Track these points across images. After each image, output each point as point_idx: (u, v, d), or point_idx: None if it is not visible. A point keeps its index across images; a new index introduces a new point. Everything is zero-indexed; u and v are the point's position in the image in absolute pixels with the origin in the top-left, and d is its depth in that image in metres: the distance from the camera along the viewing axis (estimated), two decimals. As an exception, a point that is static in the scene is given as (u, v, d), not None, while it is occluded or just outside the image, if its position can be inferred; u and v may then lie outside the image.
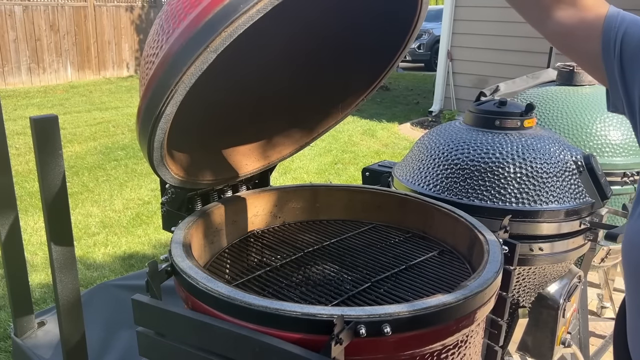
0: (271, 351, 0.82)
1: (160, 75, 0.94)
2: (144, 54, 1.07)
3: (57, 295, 1.23)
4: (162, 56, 0.94)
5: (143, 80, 1.04)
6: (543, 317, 1.56)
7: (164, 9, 1.04)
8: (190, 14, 0.92)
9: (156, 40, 1.00)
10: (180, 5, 0.97)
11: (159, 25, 1.02)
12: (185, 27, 0.92)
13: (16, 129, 6.44)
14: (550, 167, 1.50)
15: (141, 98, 1.01)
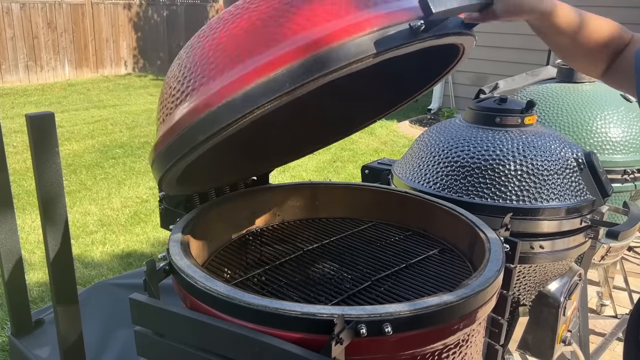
0: (271, 351, 0.81)
1: (192, 124, 0.90)
2: (171, 80, 1.02)
3: (54, 294, 1.22)
4: (198, 103, 0.90)
5: (167, 111, 1.00)
6: (544, 315, 1.56)
7: (200, 43, 0.98)
8: (237, 70, 0.87)
9: (189, 77, 0.95)
10: (225, 51, 0.91)
11: (192, 58, 0.96)
12: (230, 83, 0.87)
13: (14, 127, 6.42)
14: (551, 164, 1.49)
15: (164, 133, 0.97)
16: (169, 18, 11.53)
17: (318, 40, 0.85)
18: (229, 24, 0.95)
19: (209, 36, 0.97)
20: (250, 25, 0.92)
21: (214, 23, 1.00)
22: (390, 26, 0.87)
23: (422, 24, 0.88)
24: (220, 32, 0.95)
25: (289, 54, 0.85)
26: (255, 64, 0.86)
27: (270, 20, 0.90)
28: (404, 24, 0.88)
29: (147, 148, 5.88)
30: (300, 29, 0.87)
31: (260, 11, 0.93)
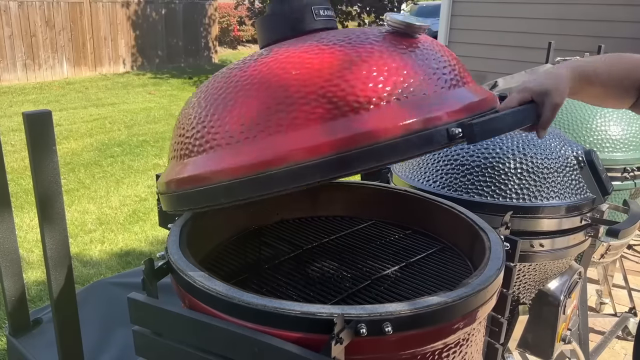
0: (270, 351, 0.81)
1: (213, 185, 0.88)
2: (190, 118, 0.97)
3: (52, 293, 1.21)
4: (226, 168, 0.87)
5: (188, 151, 0.96)
6: (544, 313, 1.55)
7: (228, 94, 0.93)
8: (281, 141, 0.84)
9: (215, 128, 0.90)
10: (258, 117, 0.87)
11: (229, 109, 0.91)
12: (260, 163, 0.84)
13: (12, 125, 6.40)
14: (551, 162, 1.49)
15: (179, 180, 0.95)
16: (167, 16, 11.51)
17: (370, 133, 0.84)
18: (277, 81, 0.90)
19: (252, 86, 0.92)
20: (301, 93, 0.88)
21: (260, 68, 0.96)
22: (430, 129, 0.86)
23: (459, 132, 0.87)
24: (267, 86, 0.90)
25: (340, 141, 0.83)
26: (305, 142, 0.83)
27: (325, 98, 0.87)
28: (442, 127, 0.87)
29: (145, 146, 5.87)
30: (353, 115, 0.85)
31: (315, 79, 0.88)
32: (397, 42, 0.95)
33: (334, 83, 0.87)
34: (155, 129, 6.66)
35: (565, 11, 6.16)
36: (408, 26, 0.95)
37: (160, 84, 9.78)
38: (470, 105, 0.93)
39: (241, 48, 15.33)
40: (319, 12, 1.06)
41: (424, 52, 0.96)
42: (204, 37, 12.46)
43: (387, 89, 0.87)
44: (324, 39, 0.96)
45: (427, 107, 0.88)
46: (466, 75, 1.02)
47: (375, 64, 0.89)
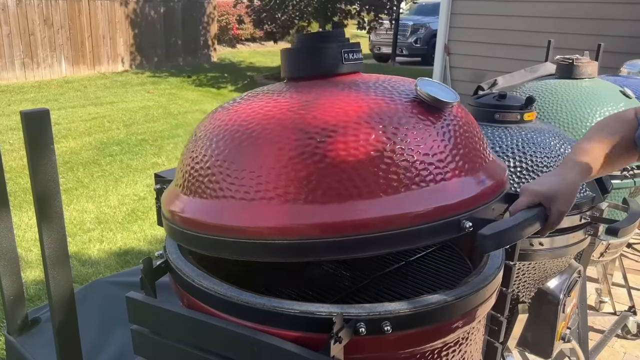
0: (269, 350, 0.80)
1: (219, 237, 0.87)
2: (207, 156, 0.92)
3: (50, 293, 1.21)
4: (237, 226, 0.85)
5: (192, 191, 0.93)
6: (543, 312, 1.55)
7: (250, 142, 0.89)
8: (307, 210, 0.82)
9: (232, 178, 0.87)
10: (277, 180, 0.84)
11: (239, 160, 0.88)
12: (273, 230, 0.83)
13: (10, 124, 6.39)
14: (550, 160, 1.48)
15: (185, 219, 0.93)
16: (166, 14, 11.49)
17: (380, 220, 0.82)
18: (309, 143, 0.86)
19: (275, 143, 0.88)
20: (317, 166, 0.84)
21: (284, 119, 0.91)
22: (445, 219, 0.85)
23: (470, 226, 0.87)
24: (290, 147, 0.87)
25: (348, 224, 0.82)
26: (319, 219, 0.82)
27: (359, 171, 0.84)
28: (455, 218, 0.87)
29: (144, 145, 5.86)
30: (368, 197, 0.83)
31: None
32: (423, 116, 0.92)
33: (357, 160, 0.85)
34: (154, 127, 6.65)
35: (564, 9, 6.16)
36: (436, 101, 0.93)
37: (159, 82, 9.76)
38: (483, 193, 0.93)
39: (240, 46, 15.32)
40: (348, 56, 1.03)
41: (448, 132, 0.93)
42: (202, 35, 12.44)
43: (408, 174, 0.86)
44: (352, 100, 0.92)
45: (443, 196, 0.87)
46: (483, 152, 1.00)
47: (401, 146, 0.87)
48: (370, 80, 1.01)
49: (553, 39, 3.20)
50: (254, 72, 11.37)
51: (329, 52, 1.02)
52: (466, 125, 0.98)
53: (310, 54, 1.03)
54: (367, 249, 0.83)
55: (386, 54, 13.75)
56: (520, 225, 0.90)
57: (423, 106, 0.94)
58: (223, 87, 9.63)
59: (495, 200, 0.95)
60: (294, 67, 1.05)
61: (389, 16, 11.82)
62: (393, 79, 1.04)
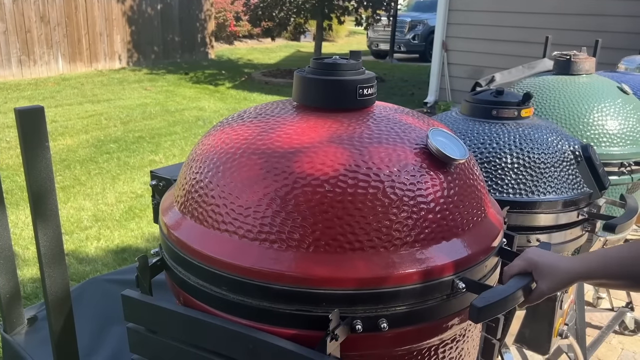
0: (265, 347, 0.80)
1: (220, 272, 0.86)
2: (212, 183, 0.91)
3: (46, 291, 1.20)
4: (239, 265, 0.84)
5: (193, 216, 0.92)
6: (540, 309, 1.55)
7: (257, 180, 0.88)
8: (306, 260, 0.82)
9: (235, 213, 0.87)
10: (282, 225, 0.84)
11: (244, 195, 0.87)
12: (277, 275, 0.82)
13: (7, 122, 6.37)
14: (547, 157, 1.48)
15: (184, 244, 0.92)
16: (163, 11, 11.45)
17: (378, 278, 0.83)
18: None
19: (282, 188, 0.87)
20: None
21: (292, 163, 0.90)
22: (436, 280, 0.86)
23: (463, 287, 0.87)
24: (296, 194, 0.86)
25: (347, 280, 0.82)
26: (319, 272, 0.82)
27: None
28: (448, 279, 0.87)
29: (141, 143, 5.85)
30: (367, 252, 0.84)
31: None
32: (433, 172, 0.92)
33: (362, 214, 0.84)
34: (151, 125, 6.63)
35: (562, 6, 6.16)
36: (447, 158, 0.93)
37: (156, 79, 9.74)
38: (479, 252, 0.93)
39: (237, 43, 15.28)
40: (362, 92, 1.00)
41: (454, 188, 0.93)
42: (200, 32, 12.41)
43: (411, 231, 0.86)
44: (364, 149, 0.90)
45: (439, 256, 0.87)
46: (484, 207, 1.00)
47: (408, 202, 0.87)
48: (382, 120, 0.99)
49: (551, 35, 3.19)
50: (252, 69, 11.35)
51: (344, 86, 0.99)
52: (470, 180, 0.98)
53: (324, 84, 1.00)
54: (360, 303, 0.83)
55: (384, 51, 13.73)
56: (511, 296, 0.90)
57: (432, 160, 0.93)
58: (220, 84, 9.61)
59: (489, 257, 0.96)
60: (306, 94, 1.03)
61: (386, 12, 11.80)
62: (405, 119, 1.02)
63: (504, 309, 0.89)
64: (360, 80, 1.00)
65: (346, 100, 1.00)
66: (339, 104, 1.00)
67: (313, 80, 1.01)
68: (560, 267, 0.96)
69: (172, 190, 1.07)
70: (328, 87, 1.00)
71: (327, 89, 1.00)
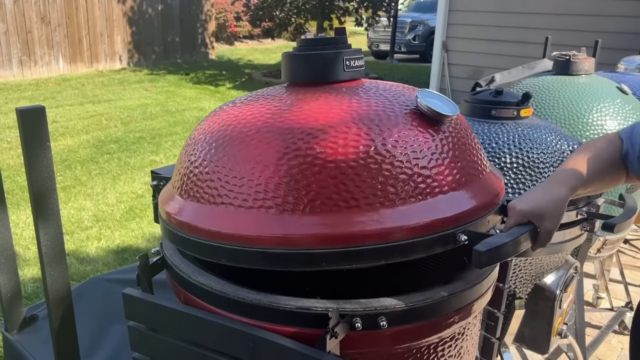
0: (265, 345, 0.80)
1: (217, 244, 0.87)
2: (206, 160, 0.93)
3: (47, 290, 1.21)
4: (236, 234, 0.85)
5: (190, 195, 0.93)
6: (540, 308, 1.55)
7: (249, 150, 0.89)
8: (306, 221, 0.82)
9: (230, 185, 0.87)
10: (276, 189, 0.84)
11: (238, 166, 0.88)
12: (273, 239, 0.83)
13: (7, 122, 6.38)
14: (547, 157, 1.49)
15: (181, 223, 0.93)
16: (164, 12, 11.47)
17: (390, 231, 0.83)
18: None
19: (273, 152, 0.87)
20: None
21: (281, 127, 0.90)
22: (441, 232, 0.86)
23: (465, 239, 0.87)
24: (288, 157, 0.86)
25: (349, 236, 0.82)
26: (316, 230, 0.82)
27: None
28: (450, 232, 0.87)
29: (142, 143, 5.86)
30: (365, 209, 0.84)
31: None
32: (423, 128, 0.92)
33: (355, 172, 0.84)
34: (151, 125, 6.64)
35: (562, 6, 6.16)
36: (437, 114, 0.93)
37: (157, 80, 9.75)
38: (480, 207, 0.92)
39: (238, 44, 15.30)
40: (349, 64, 1.01)
41: (447, 144, 0.93)
42: (200, 33, 12.42)
43: (406, 186, 0.86)
44: (353, 110, 0.91)
45: (440, 209, 0.87)
46: (481, 164, 1.00)
47: (400, 158, 0.87)
48: (371, 89, 1.00)
49: (550, 36, 3.20)
50: (252, 69, 11.35)
51: (331, 58, 1.01)
52: (464, 138, 0.99)
53: (311, 59, 1.02)
54: (363, 260, 0.83)
55: (384, 51, 13.74)
56: (515, 241, 0.90)
57: (423, 118, 0.94)
58: (221, 84, 9.61)
59: (490, 212, 0.95)
60: (294, 71, 1.04)
61: (387, 13, 11.81)
62: (394, 88, 1.04)
63: (509, 254, 0.88)
64: (346, 52, 1.01)
65: (334, 72, 1.01)
66: (327, 77, 1.01)
67: (300, 56, 1.03)
68: (553, 198, 0.99)
69: (170, 184, 1.08)
70: (315, 61, 1.01)
71: (314, 63, 1.01)
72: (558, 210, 1.00)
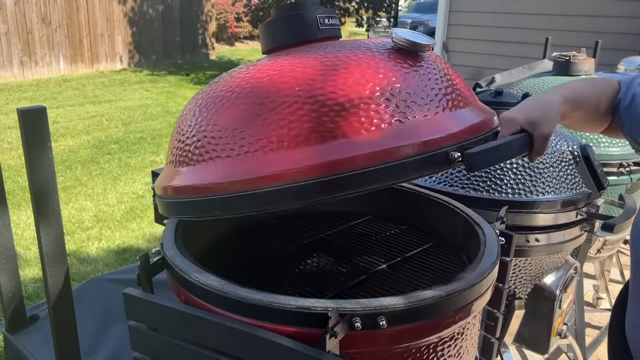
0: (265, 345, 0.81)
1: (208, 197, 0.88)
2: (191, 126, 0.95)
3: (48, 290, 1.21)
4: (223, 181, 0.86)
5: (181, 162, 0.95)
6: (539, 308, 1.56)
7: (231, 104, 0.91)
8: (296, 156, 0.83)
9: (216, 139, 0.89)
10: (260, 132, 0.86)
11: (222, 121, 0.90)
12: (257, 179, 0.84)
13: (8, 122, 6.39)
14: (546, 157, 1.49)
15: (175, 188, 0.94)
16: (164, 12, 11.47)
17: (368, 156, 0.83)
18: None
19: (253, 99, 0.89)
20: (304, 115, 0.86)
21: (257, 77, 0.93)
22: (430, 152, 0.85)
23: (459, 156, 0.87)
24: (268, 100, 0.88)
25: (336, 163, 0.82)
26: (302, 162, 0.83)
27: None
28: (442, 151, 0.87)
29: (142, 144, 5.86)
30: (352, 135, 0.84)
31: None
32: (401, 60, 0.93)
33: (336, 102, 0.85)
34: (152, 125, 6.65)
35: (562, 7, 6.16)
36: (413, 44, 0.93)
37: (157, 80, 9.76)
38: (471, 128, 0.92)
39: (238, 44, 15.30)
40: (323, 21, 1.03)
41: (428, 72, 0.94)
42: (201, 33, 12.43)
43: (389, 109, 0.87)
44: (328, 54, 0.94)
45: (428, 130, 0.87)
46: (469, 95, 1.01)
47: (379, 85, 0.88)
48: (349, 42, 1.02)
49: (551, 36, 3.20)
50: (253, 70, 11.36)
51: (304, 18, 1.03)
52: (446, 69, 0.99)
53: (285, 23, 1.04)
54: (359, 185, 0.83)
55: (385, 52, 13.72)
56: (507, 144, 0.90)
57: (401, 52, 0.95)
58: (221, 85, 9.61)
59: (484, 134, 0.94)
60: (271, 39, 1.06)
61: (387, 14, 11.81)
62: (369, 40, 1.05)
63: (501, 158, 0.88)
64: (319, 11, 1.03)
65: (310, 32, 1.03)
66: (303, 36, 1.03)
67: (275, 22, 1.05)
68: (546, 104, 0.99)
69: (163, 171, 1.09)
70: (289, 23, 1.03)
71: (289, 26, 1.03)
72: (551, 114, 0.99)
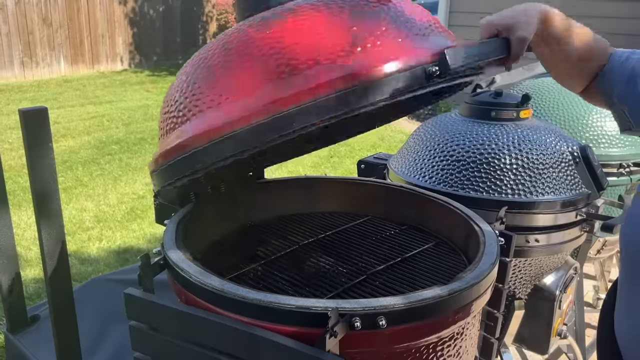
0: (265, 344, 0.81)
1: (193, 150, 0.91)
2: (175, 96, 1.00)
3: (49, 290, 1.22)
4: (203, 131, 0.90)
5: (169, 130, 0.99)
6: (539, 308, 1.56)
7: (207, 63, 0.97)
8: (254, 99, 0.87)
9: (197, 95, 0.94)
10: (237, 81, 0.91)
11: (201, 78, 0.96)
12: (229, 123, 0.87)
13: (9, 123, 6.39)
14: (546, 158, 1.49)
15: (165, 153, 0.97)
16: (165, 13, 11.48)
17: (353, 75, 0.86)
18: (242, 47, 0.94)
19: (228, 52, 0.95)
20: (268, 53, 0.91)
21: (235, 35, 0.98)
22: (406, 70, 0.87)
23: (436, 70, 0.88)
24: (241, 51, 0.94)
25: (338, 80, 0.85)
26: (275, 94, 0.86)
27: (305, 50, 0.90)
28: (419, 68, 0.88)
29: (143, 144, 5.87)
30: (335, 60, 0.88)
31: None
32: None
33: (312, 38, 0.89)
34: (153, 126, 6.65)
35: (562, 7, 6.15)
36: None
37: (158, 81, 9.76)
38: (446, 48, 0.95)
39: (239, 45, 15.30)
40: None
41: (398, 7, 0.98)
42: (201, 34, 12.43)
43: (365, 34, 0.90)
44: (299, 5, 0.97)
45: (404, 49, 0.90)
46: (440, 26, 1.04)
47: (353, 21, 0.92)
48: None
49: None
50: (253, 70, 11.36)
51: None
52: (413, 6, 1.02)
53: None
54: (358, 102, 0.85)
55: (385, 53, 13.73)
56: (483, 44, 0.92)
57: None
58: (222, 85, 9.62)
59: None
60: (242, 8, 1.09)
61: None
62: None
63: (477, 57, 0.92)
64: None
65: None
66: (276, 1, 1.05)
67: None
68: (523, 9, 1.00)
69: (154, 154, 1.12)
70: None
71: None
72: (528, 20, 0.99)
